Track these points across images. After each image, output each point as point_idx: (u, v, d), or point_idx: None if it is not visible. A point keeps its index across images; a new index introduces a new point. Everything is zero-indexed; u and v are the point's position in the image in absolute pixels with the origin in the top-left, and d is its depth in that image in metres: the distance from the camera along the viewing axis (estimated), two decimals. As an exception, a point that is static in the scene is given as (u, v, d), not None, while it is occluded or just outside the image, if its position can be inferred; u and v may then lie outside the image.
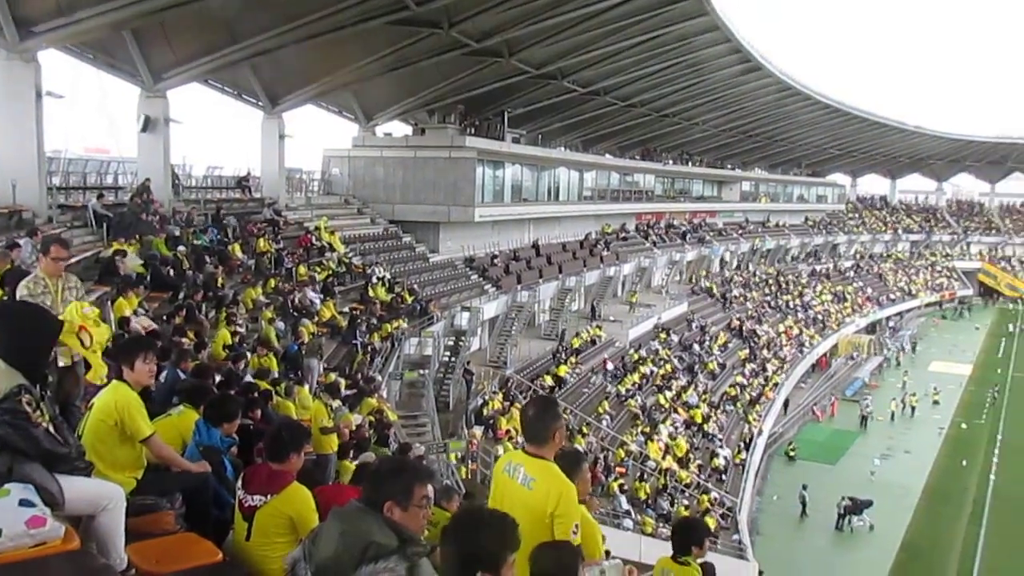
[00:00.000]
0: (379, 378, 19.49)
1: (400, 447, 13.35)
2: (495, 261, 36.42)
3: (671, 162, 58.07)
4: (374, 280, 26.83)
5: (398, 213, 34.35)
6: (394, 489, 3.28)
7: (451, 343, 29.32)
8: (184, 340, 10.85)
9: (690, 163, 61.32)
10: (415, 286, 29.16)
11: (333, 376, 15.81)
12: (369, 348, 21.66)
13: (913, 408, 45.73)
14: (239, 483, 4.57)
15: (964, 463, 36.85)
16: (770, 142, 67.17)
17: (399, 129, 37.96)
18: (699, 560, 5.62)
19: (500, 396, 28.29)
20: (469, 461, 22.11)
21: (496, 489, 4.35)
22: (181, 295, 15.28)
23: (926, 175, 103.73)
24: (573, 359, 34.57)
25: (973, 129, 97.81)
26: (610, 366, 35.78)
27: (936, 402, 47.01)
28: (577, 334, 37.45)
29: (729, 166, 67.92)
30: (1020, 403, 47.30)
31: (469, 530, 2.80)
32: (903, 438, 41.02)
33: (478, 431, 24.17)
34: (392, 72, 29.63)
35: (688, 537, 5.57)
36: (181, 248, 18.30)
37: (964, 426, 42.96)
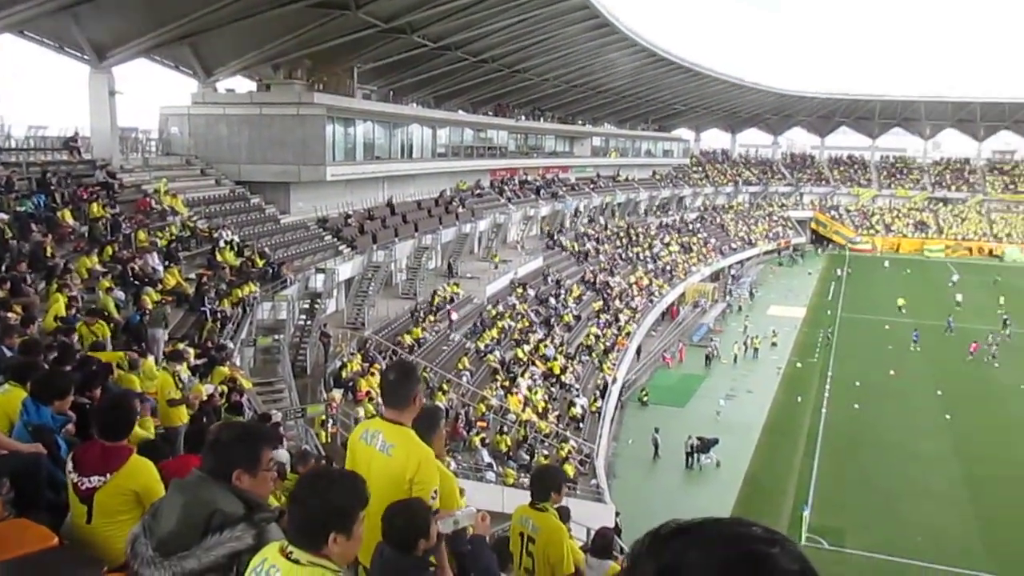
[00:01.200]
0: (231, 345, 18.87)
1: (261, 417, 13.02)
2: (349, 221, 35.76)
3: (524, 118, 58.56)
4: (222, 244, 25.78)
5: (245, 174, 32.99)
6: (241, 456, 3.20)
7: (306, 306, 28.68)
8: (9, 315, 10.09)
9: (542, 119, 62.09)
10: (266, 249, 28.24)
11: (181, 345, 15.16)
12: (219, 315, 20.86)
13: (755, 350, 48.65)
14: (69, 465, 4.30)
15: (799, 399, 39.65)
16: (619, 98, 68.78)
17: (242, 85, 36.38)
18: (556, 505, 5.79)
19: (359, 358, 28.02)
20: (329, 424, 21.85)
21: (352, 457, 4.32)
22: (3, 266, 14.17)
23: (763, 129, 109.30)
24: (432, 317, 34.61)
25: (804, 85, 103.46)
26: (454, 315, 35.99)
27: (774, 344, 50.24)
28: (435, 292, 37.47)
29: (580, 122, 69.24)
30: (848, 342, 51.22)
31: (319, 489, 2.75)
32: (745, 379, 43.60)
33: (337, 394, 23.87)
34: (232, 24, 28.24)
35: (545, 484, 5.71)
36: (2, 215, 16.93)
37: (799, 365, 46.15)
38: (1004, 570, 23.70)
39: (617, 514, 23.95)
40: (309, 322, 28.11)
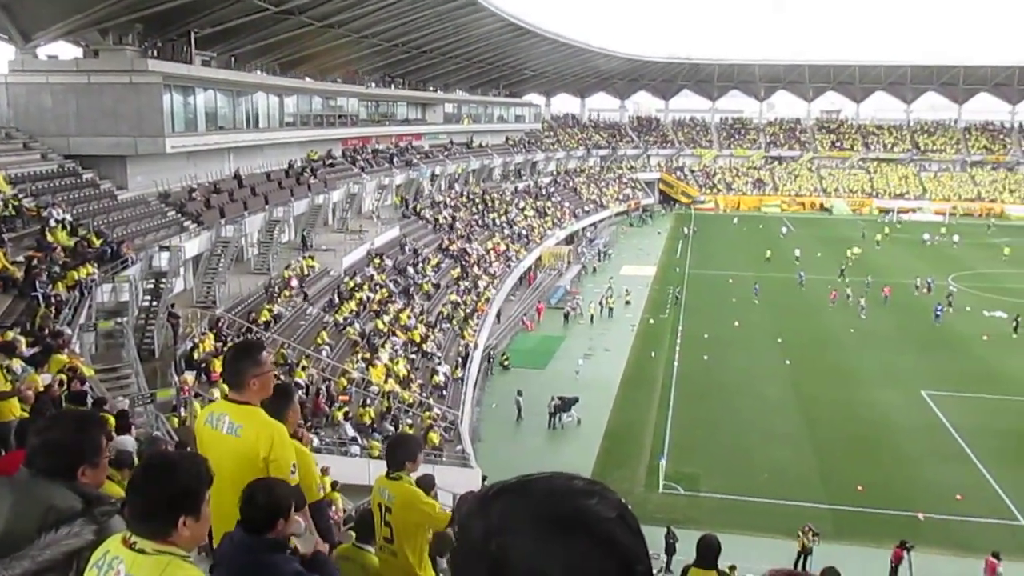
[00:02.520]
0: (68, 331, 17.71)
1: (95, 402, 12.30)
2: (194, 195, 34.12)
3: (374, 85, 57.47)
4: (52, 223, 24.02)
5: (74, 147, 30.72)
6: (80, 450, 3.03)
7: (151, 286, 27.24)
8: None
9: (393, 86, 61.12)
10: (103, 227, 26.54)
11: (11, 335, 14.13)
12: (53, 299, 19.52)
13: (611, 309, 50.23)
14: None
15: (653, 354, 41.35)
16: (470, 64, 68.64)
17: (67, 51, 33.83)
18: (413, 473, 5.81)
19: (211, 337, 26.96)
20: (181, 408, 20.99)
21: (201, 443, 4.19)
22: None
23: (611, 94, 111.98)
24: (287, 292, 33.73)
25: (648, 50, 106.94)
26: (307, 290, 35.32)
27: (628, 302, 52.09)
28: (288, 266, 36.49)
29: (432, 88, 68.63)
30: (695, 297, 53.74)
31: (159, 475, 2.64)
32: (602, 338, 45.03)
33: (190, 376, 22.95)
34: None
35: (398, 454, 5.71)
36: None
37: (652, 321, 48.05)
38: (836, 499, 25.87)
39: (484, 478, 24.31)
40: (155, 303, 26.73)
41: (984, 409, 33.76)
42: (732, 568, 15.13)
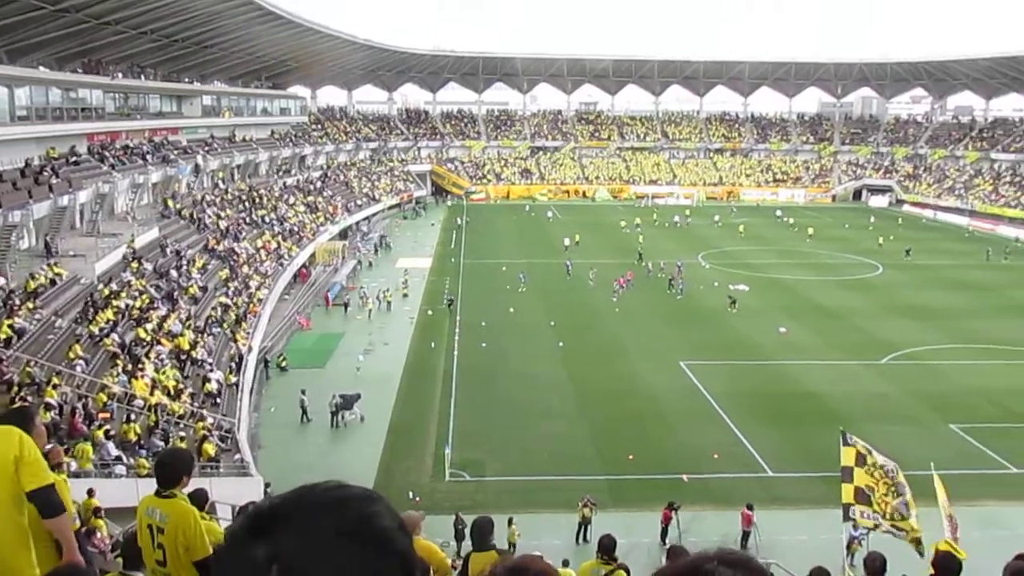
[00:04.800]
0: None
1: None
2: (-93, 200, 30.00)
3: (121, 75, 53.25)
4: None
5: None
6: None
7: None
8: None
9: (143, 76, 56.95)
10: None
11: None
12: None
13: (388, 303, 50.00)
14: None
15: (433, 345, 41.69)
16: (228, 53, 65.48)
17: None
18: (187, 489, 5.47)
19: (-61, 360, 23.89)
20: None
21: None
22: None
23: (378, 86, 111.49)
24: (30, 304, 30.55)
25: (413, 43, 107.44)
26: (55, 300, 32.44)
27: (406, 295, 52.15)
28: (32, 275, 33.06)
29: (187, 79, 64.75)
30: (470, 286, 54.79)
31: None
32: (381, 332, 44.77)
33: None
34: None
35: (168, 470, 5.35)
36: None
37: (430, 312, 48.41)
38: (610, 469, 27.45)
39: (267, 486, 23.43)
40: None
41: (733, 374, 37.20)
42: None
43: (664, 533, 22.35)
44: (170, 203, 52.54)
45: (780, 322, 45.42)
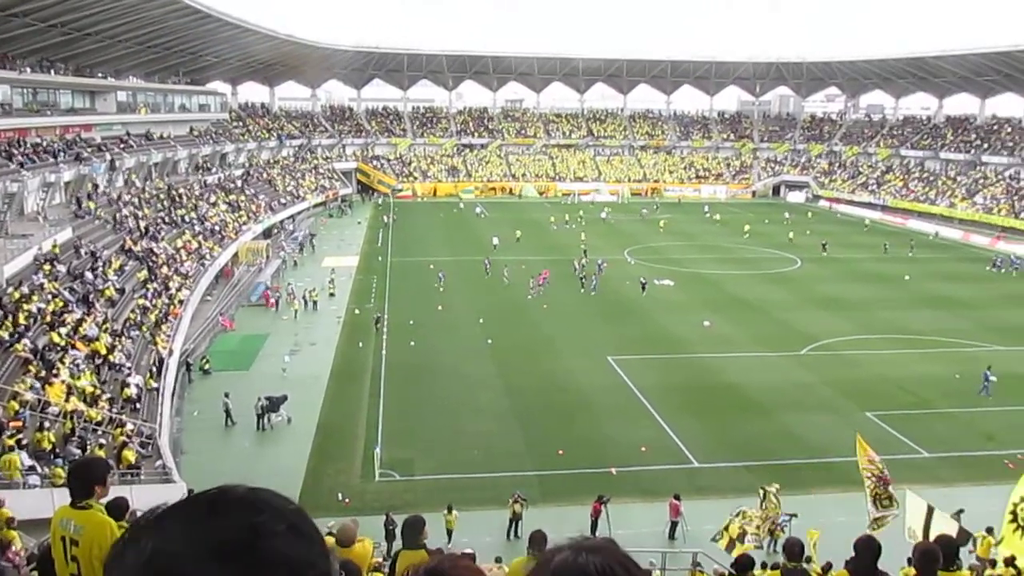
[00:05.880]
0: None
1: None
2: None
3: (29, 70, 51.14)
4: None
5: None
6: None
7: None
8: None
9: (53, 71, 54.79)
10: None
11: None
12: None
13: (315, 303, 49.24)
14: None
15: (360, 344, 41.23)
16: (142, 48, 63.51)
17: None
18: (103, 499, 5.28)
19: None
20: None
21: None
22: None
23: (301, 82, 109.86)
24: (-66, 309, 29.14)
25: (338, 38, 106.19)
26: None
27: (332, 294, 51.44)
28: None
29: (101, 74, 62.56)
30: (398, 285, 54.41)
31: None
32: (308, 332, 44.08)
33: None
34: None
35: (82, 479, 5.16)
36: None
37: (357, 312, 47.87)
38: (540, 465, 27.59)
39: (190, 491, 22.83)
40: None
41: (660, 368, 37.84)
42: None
43: (594, 526, 22.60)
44: (84, 203, 50.70)
45: (704, 316, 46.37)
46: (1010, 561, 13.53)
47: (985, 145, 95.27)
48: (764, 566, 14.24)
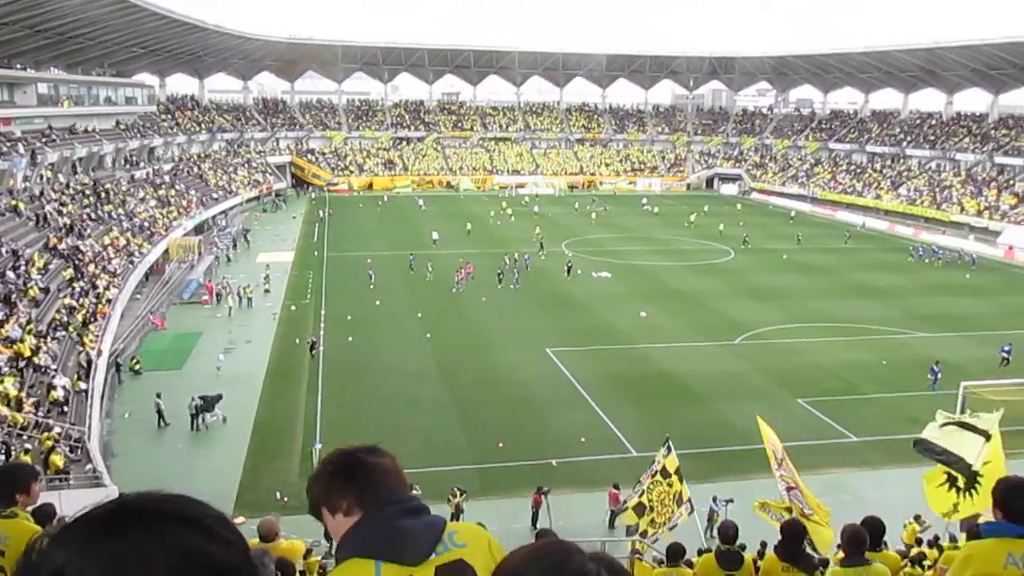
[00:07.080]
0: None
1: None
2: None
3: (-58, 61, 49.08)
4: None
5: None
6: None
7: None
8: None
9: (-32, 62, 52.65)
10: None
11: None
12: None
13: (249, 299, 48.35)
14: None
15: (297, 341, 40.64)
16: (64, 38, 61.37)
17: None
18: (29, 507, 5.11)
19: None
20: None
21: None
22: None
23: (231, 74, 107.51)
24: None
25: (270, 30, 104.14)
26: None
27: (267, 290, 50.61)
28: None
29: (19, 65, 60.24)
30: (335, 280, 53.80)
31: None
32: (243, 330, 43.26)
33: None
34: None
35: (6, 486, 4.97)
36: None
37: (294, 308, 47.17)
38: (480, 458, 27.65)
39: (121, 495, 22.21)
40: None
41: (597, 359, 38.22)
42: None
43: (535, 517, 22.76)
44: (5, 199, 48.84)
45: (641, 307, 46.96)
46: (934, 543, 14.03)
47: (908, 139, 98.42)
48: (699, 552, 14.51)
